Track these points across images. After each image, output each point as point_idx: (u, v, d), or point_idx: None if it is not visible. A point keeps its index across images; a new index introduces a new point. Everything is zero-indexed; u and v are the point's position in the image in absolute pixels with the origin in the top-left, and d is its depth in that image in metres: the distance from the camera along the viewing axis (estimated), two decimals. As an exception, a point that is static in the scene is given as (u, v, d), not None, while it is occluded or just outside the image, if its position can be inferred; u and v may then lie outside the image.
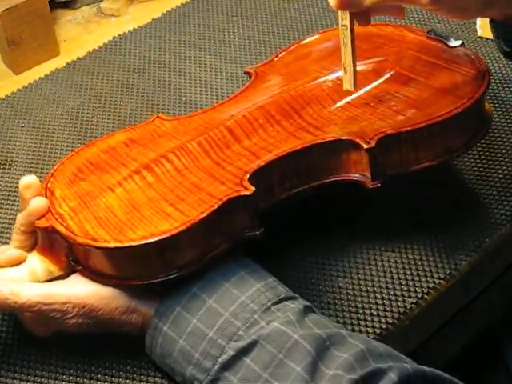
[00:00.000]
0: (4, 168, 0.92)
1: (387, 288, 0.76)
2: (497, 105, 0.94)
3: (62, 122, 0.97)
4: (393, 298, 0.75)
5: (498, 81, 0.97)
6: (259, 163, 0.70)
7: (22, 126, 0.97)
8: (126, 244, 0.65)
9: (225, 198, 0.67)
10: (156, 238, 0.65)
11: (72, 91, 1.02)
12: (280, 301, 0.67)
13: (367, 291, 0.76)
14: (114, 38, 1.10)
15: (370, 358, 0.61)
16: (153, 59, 1.06)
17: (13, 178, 0.90)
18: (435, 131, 0.72)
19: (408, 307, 0.75)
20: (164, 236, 0.65)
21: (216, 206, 0.66)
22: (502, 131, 0.90)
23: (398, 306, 0.74)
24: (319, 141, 0.72)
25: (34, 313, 0.68)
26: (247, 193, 0.67)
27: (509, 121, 0.92)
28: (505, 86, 0.96)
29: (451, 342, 0.85)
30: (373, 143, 0.71)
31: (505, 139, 0.89)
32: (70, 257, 0.69)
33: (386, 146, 0.71)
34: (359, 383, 0.59)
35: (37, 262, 0.70)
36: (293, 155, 0.71)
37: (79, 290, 0.68)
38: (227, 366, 0.64)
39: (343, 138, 0.72)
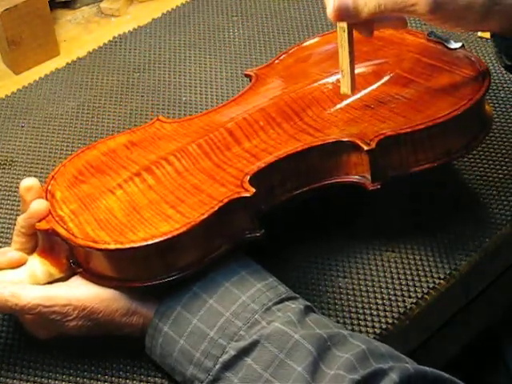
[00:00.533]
0: (4, 168, 0.92)
1: (387, 288, 0.76)
2: (497, 105, 0.94)
3: (62, 122, 0.97)
4: (393, 297, 0.75)
5: (497, 81, 0.97)
6: (259, 165, 0.70)
7: (22, 126, 0.97)
8: (127, 245, 0.65)
9: (225, 200, 0.67)
10: (156, 240, 0.65)
11: (72, 91, 1.02)
12: (281, 301, 0.67)
13: (367, 291, 0.76)
14: (114, 38, 1.10)
15: (371, 358, 0.61)
16: (153, 59, 1.06)
17: (13, 178, 0.90)
18: (435, 133, 0.72)
19: (408, 307, 0.75)
20: (164, 237, 0.65)
21: (216, 208, 0.66)
22: (501, 131, 0.90)
23: (398, 306, 0.74)
24: (319, 142, 0.72)
25: (34, 315, 0.68)
26: (247, 194, 0.67)
27: (509, 121, 0.92)
28: (505, 86, 0.96)
29: (451, 342, 0.85)
30: (373, 145, 0.71)
31: (505, 139, 0.89)
32: (71, 259, 0.69)
33: (386, 148, 0.71)
34: (360, 383, 0.59)
35: (37, 265, 0.70)
36: (293, 157, 0.71)
37: (80, 293, 0.68)
38: (228, 365, 0.64)
39: (343, 139, 0.72)
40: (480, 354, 1.07)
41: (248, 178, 0.69)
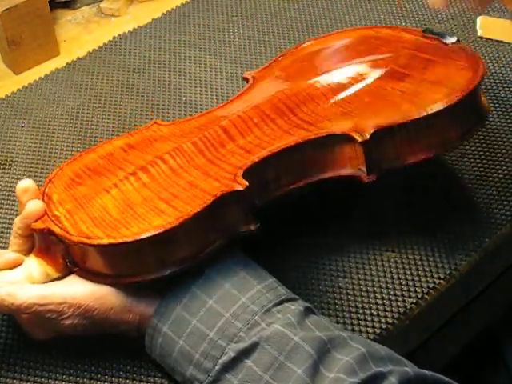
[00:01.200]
0: (4, 168, 0.92)
1: (387, 288, 0.76)
2: (497, 105, 0.94)
3: (62, 122, 0.97)
4: (393, 297, 0.75)
5: (497, 81, 0.97)
6: (253, 159, 0.71)
7: (22, 126, 0.97)
8: (120, 240, 0.65)
9: (218, 194, 0.67)
10: (149, 234, 0.65)
11: (72, 91, 1.02)
12: (280, 302, 0.67)
13: (367, 291, 0.76)
14: (114, 38, 1.10)
15: (370, 362, 0.61)
16: (153, 59, 1.06)
17: (13, 178, 0.90)
18: (429, 123, 0.73)
19: (408, 307, 0.75)
20: (157, 231, 0.65)
21: (209, 202, 0.67)
22: (501, 131, 0.90)
23: (398, 306, 0.74)
24: (313, 136, 0.72)
25: (30, 314, 0.68)
26: (240, 188, 0.68)
27: (509, 121, 0.92)
28: (505, 86, 0.96)
29: (451, 342, 0.85)
30: (367, 136, 0.71)
31: (505, 139, 0.89)
32: (67, 258, 0.69)
33: (380, 139, 0.72)
34: None
35: (34, 265, 0.70)
36: (287, 151, 0.71)
37: (75, 291, 0.68)
38: (228, 367, 0.64)
39: (337, 132, 0.72)
40: (480, 354, 1.07)
41: (241, 172, 0.69)
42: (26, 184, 0.72)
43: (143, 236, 0.65)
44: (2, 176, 0.91)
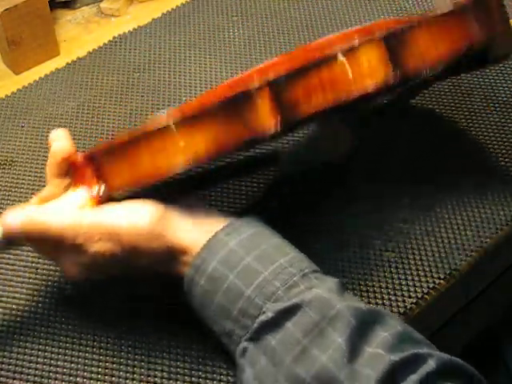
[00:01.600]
0: (4, 168, 0.92)
1: (387, 288, 0.76)
2: (497, 105, 0.94)
3: (61, 122, 0.97)
4: (393, 297, 0.75)
5: (498, 81, 0.97)
6: (275, 76, 0.70)
7: (22, 126, 0.97)
8: (140, 132, 0.66)
9: (233, 94, 0.67)
10: (170, 122, 0.65)
11: (72, 91, 1.02)
12: (316, 271, 0.66)
13: (367, 291, 0.76)
14: (114, 38, 1.10)
15: (407, 342, 0.61)
16: (153, 59, 1.06)
17: (13, 178, 0.90)
18: (449, 21, 0.72)
19: (408, 307, 0.75)
20: (177, 119, 0.65)
21: (224, 99, 0.67)
22: (501, 131, 0.90)
23: (398, 306, 0.74)
24: (338, 49, 0.71)
25: (59, 243, 0.68)
26: (254, 85, 0.67)
27: (509, 121, 0.92)
28: (505, 85, 0.96)
29: (451, 341, 0.85)
30: (384, 32, 0.70)
31: (505, 139, 0.90)
32: (100, 179, 0.70)
33: (400, 37, 0.71)
34: (399, 365, 0.58)
35: (72, 195, 0.71)
36: (312, 68, 0.71)
37: (104, 215, 0.68)
38: (266, 326, 0.63)
39: (357, 43, 0.71)
40: (480, 354, 1.07)
41: (264, 78, 0.69)
42: (56, 133, 0.73)
43: (163, 124, 0.66)
44: (1, 176, 0.91)
